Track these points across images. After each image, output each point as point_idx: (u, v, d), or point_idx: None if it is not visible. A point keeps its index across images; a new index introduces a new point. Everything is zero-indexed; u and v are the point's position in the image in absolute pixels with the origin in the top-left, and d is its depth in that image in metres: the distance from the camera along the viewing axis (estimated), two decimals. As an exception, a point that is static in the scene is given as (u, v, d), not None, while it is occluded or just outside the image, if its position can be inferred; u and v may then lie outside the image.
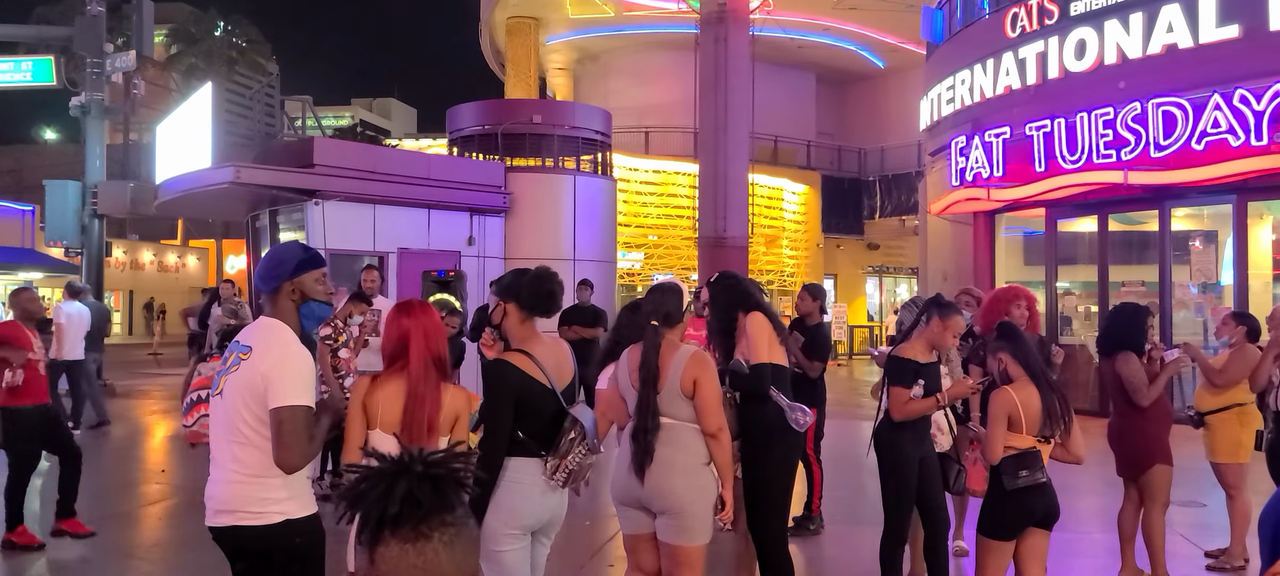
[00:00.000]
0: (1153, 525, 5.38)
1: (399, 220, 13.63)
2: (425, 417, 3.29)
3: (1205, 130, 11.23)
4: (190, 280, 39.66)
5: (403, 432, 3.28)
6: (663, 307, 3.96)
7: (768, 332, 4.53)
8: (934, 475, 4.78)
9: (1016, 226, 15.49)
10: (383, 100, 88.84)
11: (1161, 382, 5.37)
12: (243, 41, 46.38)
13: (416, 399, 3.30)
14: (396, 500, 1.31)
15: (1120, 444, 5.51)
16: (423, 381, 3.33)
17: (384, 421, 3.31)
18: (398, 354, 3.38)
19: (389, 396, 3.33)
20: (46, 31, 20.37)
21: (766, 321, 4.57)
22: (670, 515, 3.80)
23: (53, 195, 17.19)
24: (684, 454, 3.81)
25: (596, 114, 17.60)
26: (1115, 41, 12.61)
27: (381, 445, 3.22)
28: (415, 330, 3.38)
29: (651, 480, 3.79)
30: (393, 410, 3.31)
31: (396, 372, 3.36)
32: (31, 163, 45.38)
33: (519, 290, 3.60)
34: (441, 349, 3.42)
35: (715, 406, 3.81)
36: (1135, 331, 5.45)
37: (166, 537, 7.02)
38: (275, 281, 3.19)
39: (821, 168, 29.84)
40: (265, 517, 3.04)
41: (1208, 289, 13.11)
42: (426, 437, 3.29)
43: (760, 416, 4.49)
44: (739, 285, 4.84)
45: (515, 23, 30.55)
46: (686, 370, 3.81)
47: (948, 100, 15.82)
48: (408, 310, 3.46)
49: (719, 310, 4.75)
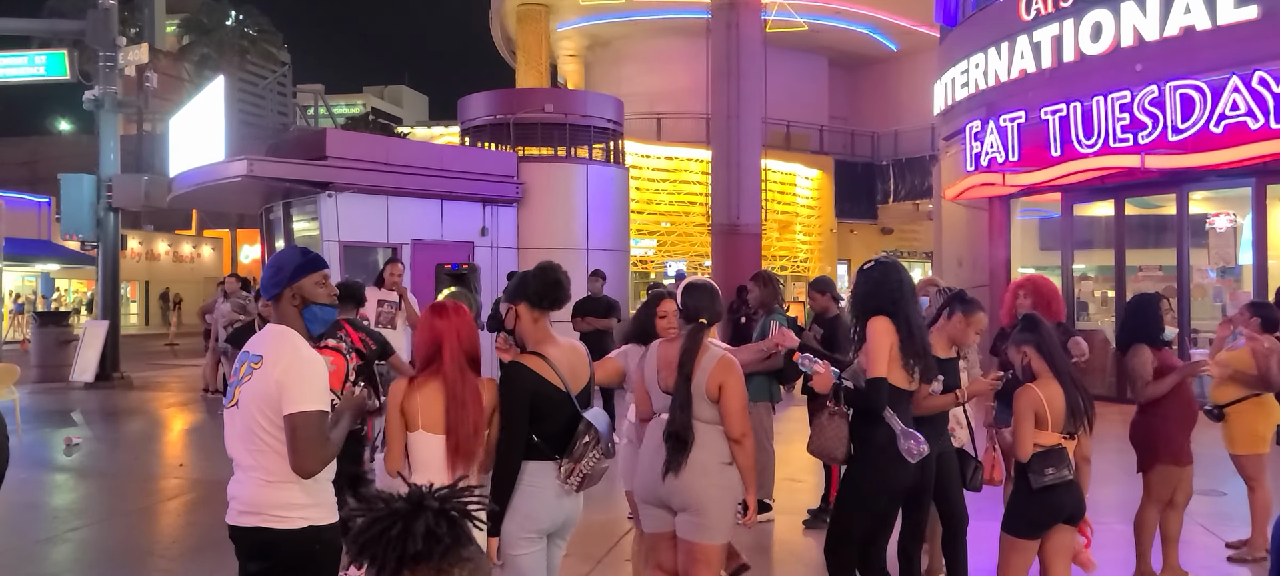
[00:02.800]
0: (1144, 519, 5.30)
1: (412, 211, 13.65)
2: (470, 421, 3.37)
3: (1223, 113, 11.10)
4: (205, 270, 39.87)
5: (450, 437, 3.37)
6: (704, 308, 3.95)
7: (889, 343, 4.12)
8: (952, 471, 4.76)
9: (1032, 210, 15.38)
10: (394, 88, 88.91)
11: (1167, 383, 5.16)
12: (254, 31, 46.42)
13: (457, 403, 3.37)
14: (417, 538, 1.30)
15: (1133, 439, 5.42)
16: (460, 384, 3.39)
17: (427, 423, 3.39)
18: (432, 356, 3.43)
19: (428, 398, 3.40)
20: (59, 25, 20.45)
21: (890, 329, 4.14)
22: (692, 512, 3.81)
23: (68, 189, 17.27)
24: (706, 453, 3.80)
25: (608, 102, 17.55)
26: (1132, 23, 12.47)
27: (425, 447, 3.40)
28: (448, 333, 3.43)
29: (677, 481, 3.79)
30: (433, 411, 3.39)
31: (432, 375, 3.42)
32: (46, 154, 45.67)
33: (526, 289, 3.60)
34: (475, 349, 3.48)
35: (740, 412, 3.80)
36: (1147, 323, 5.31)
37: (185, 533, 7.06)
38: (275, 288, 3.21)
39: (834, 152, 29.74)
40: (289, 522, 3.08)
41: (1226, 272, 12.99)
42: (475, 440, 3.39)
43: (861, 437, 4.21)
44: (883, 281, 4.26)
45: (526, 9, 30.49)
46: (713, 374, 3.80)
47: (962, 84, 15.70)
48: (441, 312, 3.50)
49: (856, 303, 4.37)
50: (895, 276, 4.27)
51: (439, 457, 3.38)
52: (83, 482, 8.72)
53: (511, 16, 31.52)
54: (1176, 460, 5.23)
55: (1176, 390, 5.19)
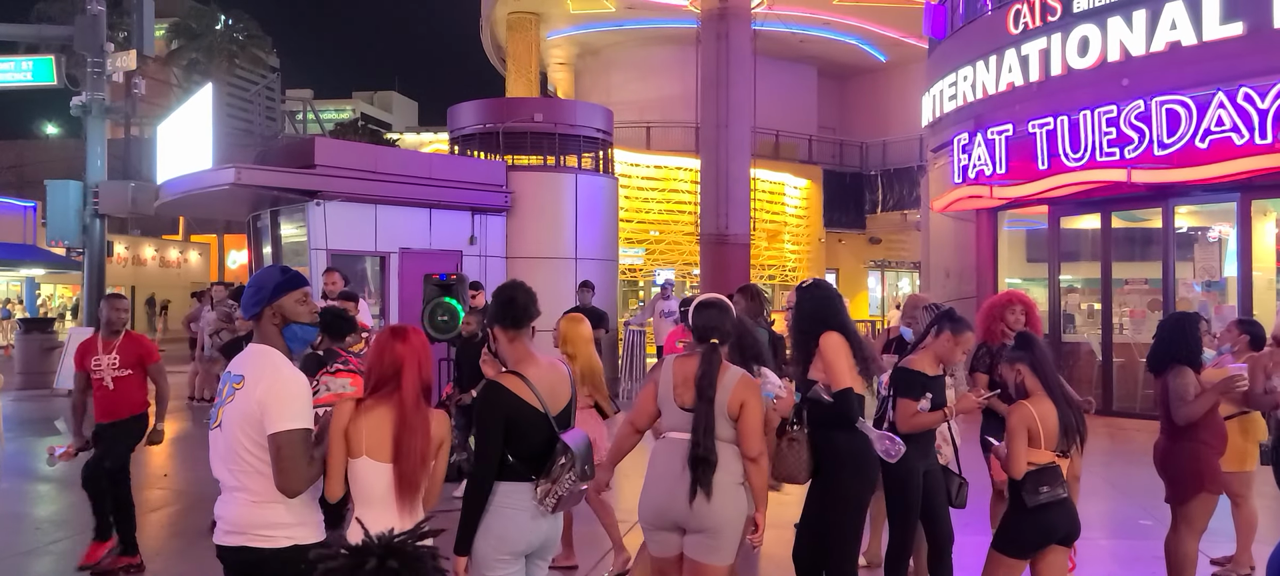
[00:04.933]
0: (1187, 553, 5.10)
1: (400, 220, 13.61)
2: (418, 449, 3.16)
3: (1209, 128, 11.19)
4: (192, 275, 39.70)
5: (397, 466, 3.14)
6: (715, 327, 3.94)
7: (847, 354, 4.30)
8: (938, 488, 4.77)
9: (1019, 222, 15.45)
10: (384, 93, 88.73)
11: (1206, 402, 4.97)
12: (243, 36, 46.34)
13: (409, 431, 3.14)
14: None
15: (1166, 467, 5.18)
16: (415, 413, 3.17)
17: (371, 449, 3.14)
18: (387, 379, 3.21)
19: (376, 424, 3.16)
20: (47, 30, 20.34)
21: (844, 343, 4.32)
22: (706, 534, 3.76)
23: (54, 195, 17.16)
24: (724, 473, 3.78)
25: (598, 112, 17.55)
26: (1119, 38, 12.56)
27: (368, 475, 3.15)
28: (409, 357, 3.22)
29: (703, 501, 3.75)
30: (381, 438, 3.15)
31: (383, 398, 3.19)
32: (33, 158, 45.47)
33: (496, 311, 3.59)
34: (431, 378, 3.30)
35: (757, 431, 3.80)
36: (1188, 344, 5.09)
37: (169, 545, 7.00)
38: (256, 307, 3.22)
39: (823, 162, 29.80)
40: (274, 542, 3.09)
41: (1211, 286, 13.08)
42: (422, 471, 3.18)
43: (835, 446, 4.28)
44: (826, 299, 4.54)
45: (516, 18, 30.47)
46: (734, 392, 3.79)
47: (950, 97, 15.77)
48: (402, 335, 3.28)
49: (803, 320, 4.52)
50: (834, 294, 4.61)
51: (383, 487, 3.14)
52: (65, 493, 8.63)
53: (501, 24, 31.52)
54: (1216, 488, 5.07)
55: (1209, 414, 5.03)
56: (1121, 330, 13.43)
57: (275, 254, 14.27)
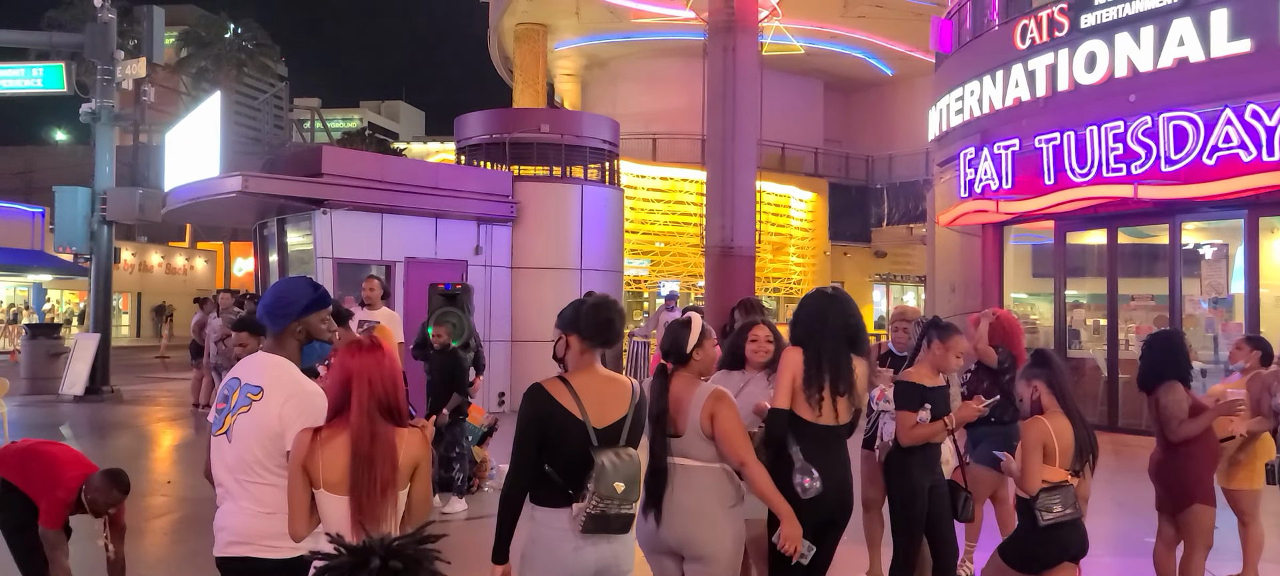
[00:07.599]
0: (1193, 567, 5.15)
1: (406, 229, 13.62)
2: (377, 482, 2.83)
3: (1216, 145, 11.16)
4: (198, 282, 39.81)
5: (352, 498, 2.83)
6: (668, 351, 3.80)
7: (791, 374, 3.98)
8: (943, 504, 4.75)
9: (1025, 237, 15.43)
10: (391, 103, 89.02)
11: (1203, 422, 5.06)
12: (252, 44, 46.56)
13: (361, 461, 2.82)
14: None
15: (1160, 478, 5.27)
16: (366, 440, 2.83)
17: (329, 481, 2.86)
18: (343, 403, 2.90)
19: (333, 454, 2.86)
20: (57, 38, 20.42)
21: (797, 360, 3.99)
22: (701, 562, 3.65)
23: (62, 201, 17.24)
24: (706, 498, 3.64)
25: (605, 123, 17.57)
26: (1126, 54, 12.55)
27: (330, 509, 2.88)
28: (359, 375, 2.88)
29: (677, 529, 3.63)
30: (337, 468, 2.85)
31: (341, 426, 2.89)
32: (42, 164, 45.66)
33: (579, 321, 3.36)
34: (391, 396, 2.92)
35: (734, 438, 3.60)
36: (1178, 360, 5.18)
37: (172, 554, 7.00)
38: (284, 321, 3.20)
39: (829, 175, 29.85)
40: (279, 552, 3.08)
41: (1218, 303, 13.03)
42: (381, 501, 2.84)
43: (776, 470, 3.99)
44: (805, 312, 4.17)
45: (524, 29, 30.60)
46: (705, 407, 3.61)
47: (956, 111, 15.77)
48: (355, 350, 2.94)
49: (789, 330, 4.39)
50: (818, 308, 4.10)
51: (345, 521, 2.83)
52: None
53: (509, 35, 31.65)
54: (1211, 500, 5.14)
55: (1205, 430, 5.11)
56: (1127, 346, 13.38)
57: (281, 262, 14.30)
